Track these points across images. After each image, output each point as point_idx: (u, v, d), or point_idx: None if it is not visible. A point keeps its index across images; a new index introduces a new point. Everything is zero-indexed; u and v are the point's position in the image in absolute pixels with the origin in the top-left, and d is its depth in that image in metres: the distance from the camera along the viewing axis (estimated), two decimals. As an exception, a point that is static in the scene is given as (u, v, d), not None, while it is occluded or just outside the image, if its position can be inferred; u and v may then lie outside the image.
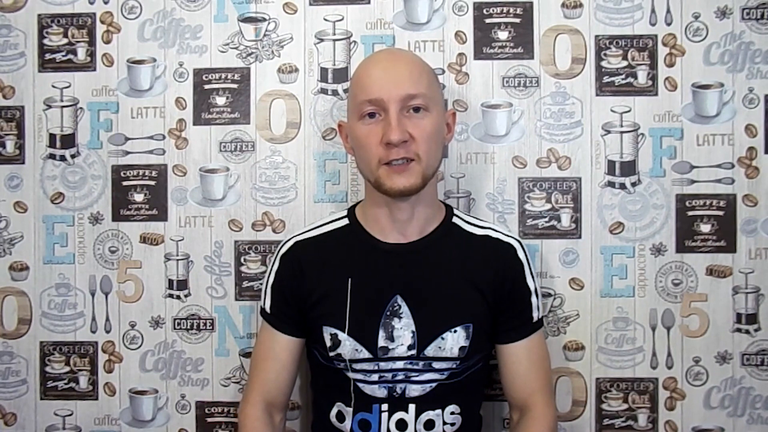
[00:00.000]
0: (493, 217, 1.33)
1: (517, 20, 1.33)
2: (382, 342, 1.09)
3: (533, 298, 1.16)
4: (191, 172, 1.36)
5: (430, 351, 1.09)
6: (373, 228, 1.14)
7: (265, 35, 1.35)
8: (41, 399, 1.38)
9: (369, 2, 1.34)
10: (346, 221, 1.18)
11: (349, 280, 1.11)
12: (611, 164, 1.32)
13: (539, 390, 1.15)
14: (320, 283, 1.13)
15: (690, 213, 1.32)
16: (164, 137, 1.36)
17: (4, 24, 1.37)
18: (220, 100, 1.35)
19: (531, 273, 1.16)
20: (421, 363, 1.10)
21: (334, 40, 1.34)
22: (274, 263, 1.19)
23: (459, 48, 1.33)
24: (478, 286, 1.12)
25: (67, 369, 1.38)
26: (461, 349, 1.10)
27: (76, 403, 1.38)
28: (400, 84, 1.05)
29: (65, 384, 1.38)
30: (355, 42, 1.34)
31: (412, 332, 1.09)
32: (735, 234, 1.31)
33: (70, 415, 1.38)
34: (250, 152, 1.35)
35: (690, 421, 1.32)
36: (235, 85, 1.35)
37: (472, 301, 1.11)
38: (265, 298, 1.19)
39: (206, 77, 1.35)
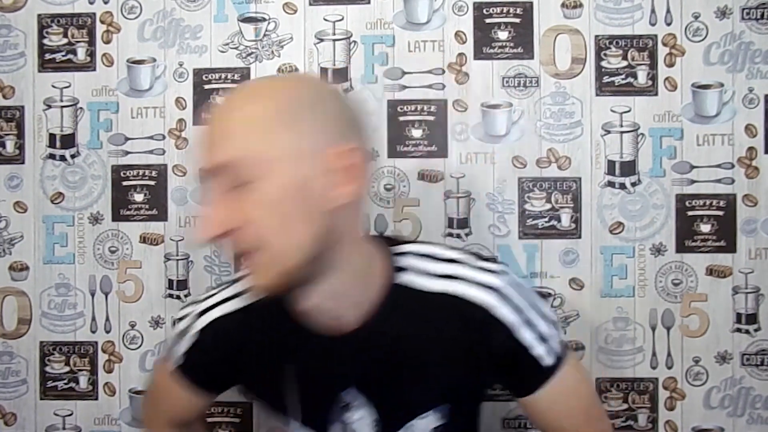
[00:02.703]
0: (493, 217, 1.33)
1: (517, 20, 1.33)
2: (339, 428, 0.90)
3: (537, 350, 0.87)
4: (191, 172, 1.36)
5: None
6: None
7: (265, 35, 1.35)
8: (41, 399, 1.38)
9: (369, 2, 1.34)
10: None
11: (292, 369, 0.89)
12: (611, 164, 1.32)
13: (576, 428, 0.92)
14: (258, 375, 0.92)
15: (690, 213, 1.32)
16: (164, 137, 1.36)
17: (4, 24, 1.37)
18: (220, 100, 1.35)
19: (525, 321, 0.85)
20: None
21: (334, 40, 1.34)
22: (183, 339, 0.95)
23: (459, 48, 1.33)
24: (453, 361, 0.86)
25: (67, 369, 1.38)
26: (435, 429, 0.89)
27: (76, 403, 1.38)
28: (213, 150, 0.75)
29: (65, 384, 1.38)
30: (355, 42, 1.34)
31: (374, 421, 0.88)
32: (735, 234, 1.31)
33: (70, 415, 1.38)
34: (250, 152, 1.35)
35: (690, 421, 1.32)
36: (234, 86, 1.35)
37: (446, 381, 0.87)
38: (176, 360, 0.97)
39: (206, 77, 1.35)
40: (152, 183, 1.36)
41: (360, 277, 0.82)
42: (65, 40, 1.37)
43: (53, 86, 1.37)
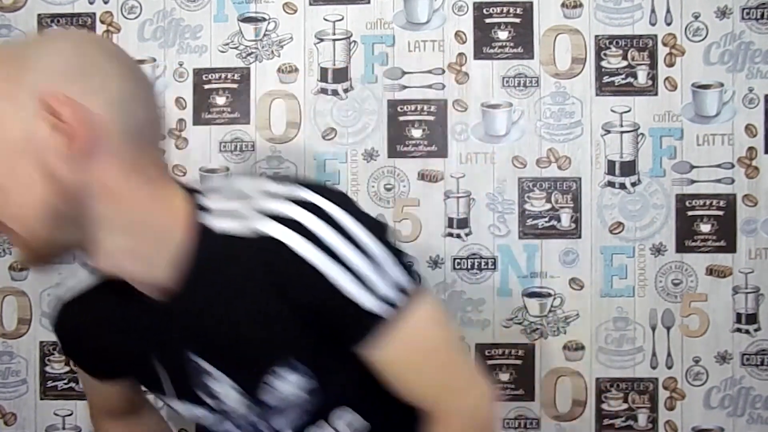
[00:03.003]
0: (493, 217, 1.33)
1: (517, 20, 1.33)
2: (211, 402, 0.81)
3: (356, 296, 0.69)
4: (191, 172, 1.36)
5: (271, 401, 0.78)
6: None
7: (265, 35, 1.35)
8: (41, 399, 1.38)
9: (369, 2, 1.34)
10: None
11: (141, 343, 0.80)
12: (611, 164, 1.32)
13: (433, 399, 0.77)
14: (123, 356, 0.84)
15: (690, 213, 1.32)
16: (164, 137, 1.36)
17: (4, 24, 1.37)
18: (220, 100, 1.35)
19: (337, 261, 0.69)
20: (272, 409, 0.80)
21: (334, 40, 1.34)
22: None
23: (459, 48, 1.33)
24: (269, 312, 0.73)
25: (67, 369, 1.38)
26: (311, 392, 0.78)
27: (76, 403, 1.38)
28: None
29: (65, 384, 1.38)
30: (355, 42, 1.34)
31: (232, 387, 0.78)
32: (735, 234, 1.31)
33: (70, 415, 1.38)
34: (250, 152, 1.35)
35: (690, 421, 1.32)
36: (235, 85, 1.35)
37: (272, 336, 0.74)
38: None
39: (206, 77, 1.35)
40: (152, 183, 1.36)
41: (148, 231, 0.70)
42: (65, 40, 1.37)
43: (53, 86, 1.37)
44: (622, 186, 1.32)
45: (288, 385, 0.77)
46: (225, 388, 0.78)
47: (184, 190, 0.74)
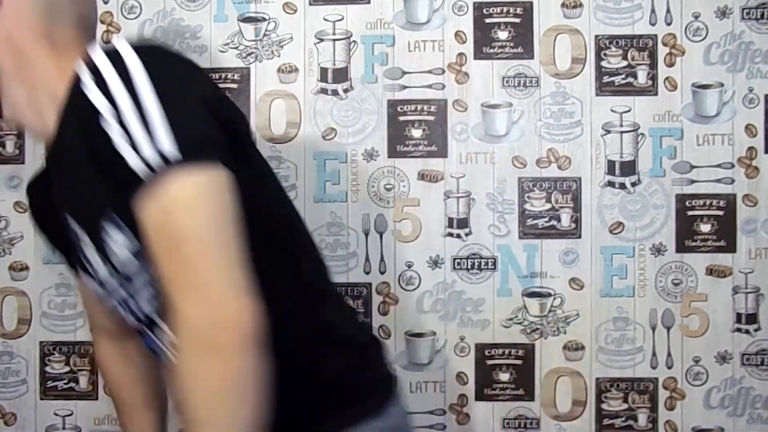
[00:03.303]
0: (493, 217, 1.33)
1: (517, 20, 1.33)
2: (91, 271, 0.80)
3: (121, 148, 0.65)
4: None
5: (116, 264, 0.76)
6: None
7: (265, 35, 1.35)
8: (41, 399, 1.38)
9: (369, 2, 1.34)
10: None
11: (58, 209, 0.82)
12: (611, 164, 1.32)
13: (170, 294, 0.66)
14: (62, 232, 0.84)
15: (690, 213, 1.32)
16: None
17: (4, 24, 1.37)
18: None
19: (113, 108, 0.65)
20: (126, 279, 0.78)
21: (334, 40, 1.34)
22: None
23: (459, 48, 1.33)
24: (88, 161, 0.70)
25: (67, 369, 1.38)
26: (137, 255, 0.73)
27: (76, 403, 1.38)
28: None
29: (65, 384, 1.38)
30: (355, 42, 1.34)
31: (95, 251, 0.76)
32: (735, 234, 1.31)
33: (70, 415, 1.38)
34: (250, 152, 1.35)
35: (690, 421, 1.32)
36: (235, 85, 1.35)
37: (94, 185, 0.71)
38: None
39: (206, 77, 1.35)
40: (152, 183, 1.36)
41: (41, 88, 0.77)
42: (65, 40, 1.37)
43: (53, 86, 1.37)
44: (622, 186, 1.32)
45: (117, 245, 0.73)
46: (91, 253, 0.76)
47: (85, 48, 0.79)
